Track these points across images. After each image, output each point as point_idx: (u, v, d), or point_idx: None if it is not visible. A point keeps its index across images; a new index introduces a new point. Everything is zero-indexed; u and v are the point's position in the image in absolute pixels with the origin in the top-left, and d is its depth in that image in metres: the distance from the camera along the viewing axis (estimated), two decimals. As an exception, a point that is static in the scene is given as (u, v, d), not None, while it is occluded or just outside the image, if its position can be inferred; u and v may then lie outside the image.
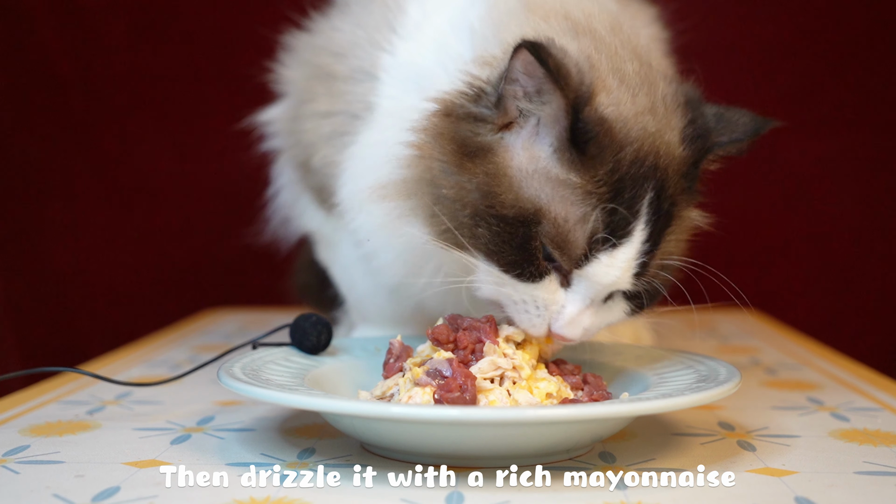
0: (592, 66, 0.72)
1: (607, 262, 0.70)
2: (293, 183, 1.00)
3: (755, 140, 0.77)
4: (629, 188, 0.70)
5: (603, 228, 0.70)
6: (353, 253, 0.95)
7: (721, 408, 0.84)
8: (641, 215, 0.71)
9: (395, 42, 0.84)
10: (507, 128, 0.72)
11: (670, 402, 0.63)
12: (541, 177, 0.70)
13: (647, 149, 0.71)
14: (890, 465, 0.67)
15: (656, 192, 0.71)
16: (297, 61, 0.95)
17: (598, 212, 0.70)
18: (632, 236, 0.71)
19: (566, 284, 0.72)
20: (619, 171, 0.70)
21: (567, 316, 0.71)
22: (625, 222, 0.70)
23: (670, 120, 0.75)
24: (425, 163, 0.73)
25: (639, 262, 0.71)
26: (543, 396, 0.68)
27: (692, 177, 0.76)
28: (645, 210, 0.71)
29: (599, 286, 0.71)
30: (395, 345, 0.75)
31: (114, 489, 0.61)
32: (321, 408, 0.63)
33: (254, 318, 1.43)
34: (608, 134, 0.70)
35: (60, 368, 0.86)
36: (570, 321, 0.71)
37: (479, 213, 0.70)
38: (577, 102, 0.69)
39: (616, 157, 0.70)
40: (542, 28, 0.75)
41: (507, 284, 0.72)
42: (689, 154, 0.75)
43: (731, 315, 1.47)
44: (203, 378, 0.92)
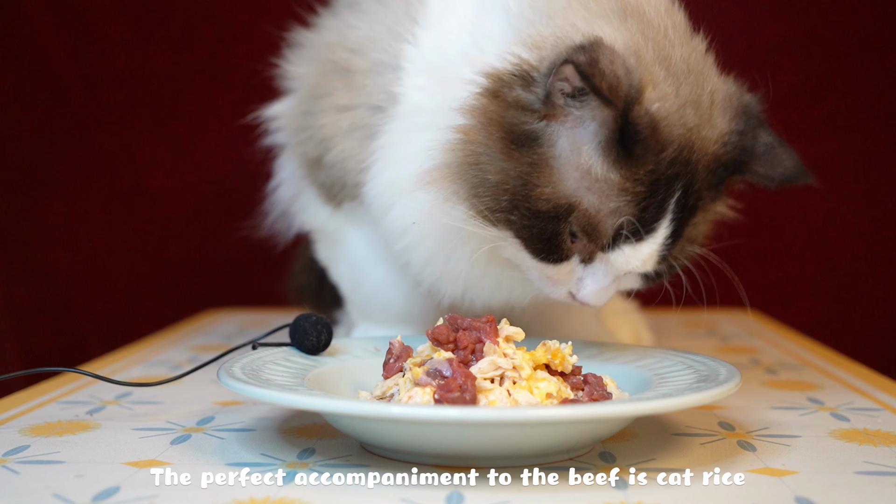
0: (639, 59, 0.73)
1: (629, 252, 0.74)
2: (296, 179, 0.99)
3: (787, 186, 0.81)
4: (663, 188, 0.73)
5: (632, 223, 0.73)
6: (363, 248, 0.95)
7: (721, 408, 0.84)
8: (668, 213, 0.74)
9: (417, 33, 0.84)
10: (553, 117, 0.72)
11: (670, 402, 0.63)
12: (581, 171, 0.73)
13: (684, 145, 0.73)
14: (890, 465, 0.67)
15: (684, 189, 0.74)
16: (306, 58, 0.95)
17: (629, 208, 0.73)
18: (656, 232, 0.74)
19: (588, 261, 0.76)
20: (657, 172, 0.72)
21: (590, 289, 0.77)
22: (652, 219, 0.74)
23: (713, 116, 0.76)
24: (471, 147, 0.74)
25: (660, 253, 0.75)
26: (543, 396, 0.68)
27: (721, 175, 0.77)
28: (672, 207, 0.74)
29: (620, 271, 0.76)
30: (395, 345, 0.75)
31: (114, 489, 0.61)
32: (321, 408, 0.63)
33: (254, 318, 1.43)
34: (654, 135, 0.72)
35: (60, 368, 0.86)
36: (593, 293, 0.77)
37: (516, 201, 0.73)
38: (625, 109, 0.70)
39: (658, 157, 0.72)
40: (591, 7, 0.76)
41: (529, 261, 0.76)
42: (723, 155, 0.76)
43: (731, 315, 1.47)
44: (203, 378, 0.92)
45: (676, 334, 1.28)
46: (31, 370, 0.83)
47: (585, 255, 0.76)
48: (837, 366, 1.04)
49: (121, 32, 1.60)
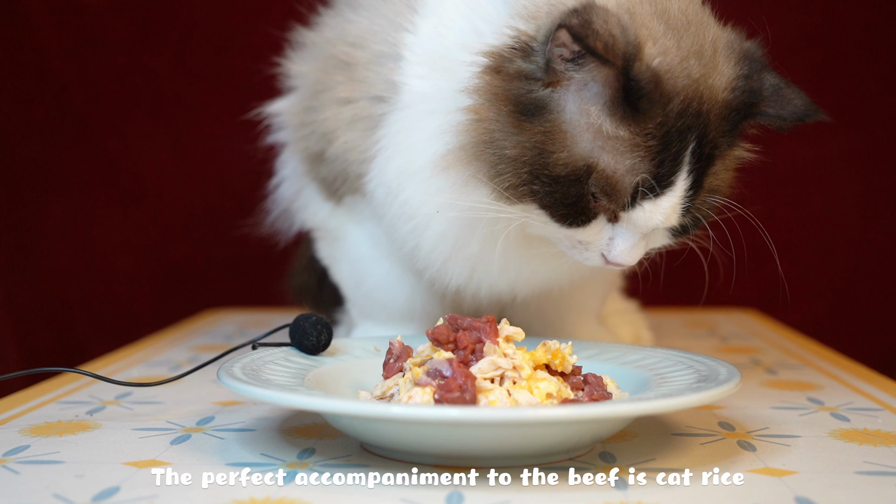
0: (634, 16, 0.74)
1: (651, 209, 0.75)
2: (298, 175, 0.99)
3: (799, 124, 0.81)
4: (675, 140, 0.73)
5: (648, 180, 0.73)
6: (364, 245, 0.95)
7: (721, 408, 0.84)
8: (684, 165, 0.75)
9: (416, 21, 0.85)
10: (557, 84, 0.73)
11: (670, 402, 0.63)
12: (593, 131, 0.73)
13: (692, 96, 0.74)
14: (890, 465, 0.67)
15: (699, 140, 0.74)
16: (307, 55, 0.95)
17: (644, 163, 0.73)
18: (675, 185, 0.75)
19: (614, 220, 0.76)
20: (666, 125, 0.73)
21: (620, 248, 0.77)
22: (669, 173, 0.74)
23: (717, 64, 0.76)
24: (484, 126, 0.75)
25: (683, 206, 0.75)
26: (543, 396, 0.68)
27: (734, 121, 0.78)
28: (688, 159, 0.74)
29: (644, 228, 0.76)
30: (395, 345, 0.75)
31: (114, 489, 0.61)
32: (321, 408, 0.63)
33: (254, 319, 1.43)
34: (658, 88, 0.72)
35: (60, 368, 0.86)
36: (622, 252, 0.77)
37: (535, 171, 0.74)
38: (625, 66, 0.71)
39: (665, 110, 0.73)
40: None
41: (559, 231, 0.77)
42: (732, 101, 0.76)
43: (731, 315, 1.47)
44: (203, 378, 0.92)
45: (676, 334, 1.28)
46: (31, 370, 0.84)
47: (610, 215, 0.76)
48: (837, 366, 1.04)
49: (121, 32, 1.60)
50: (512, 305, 0.99)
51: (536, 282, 0.88)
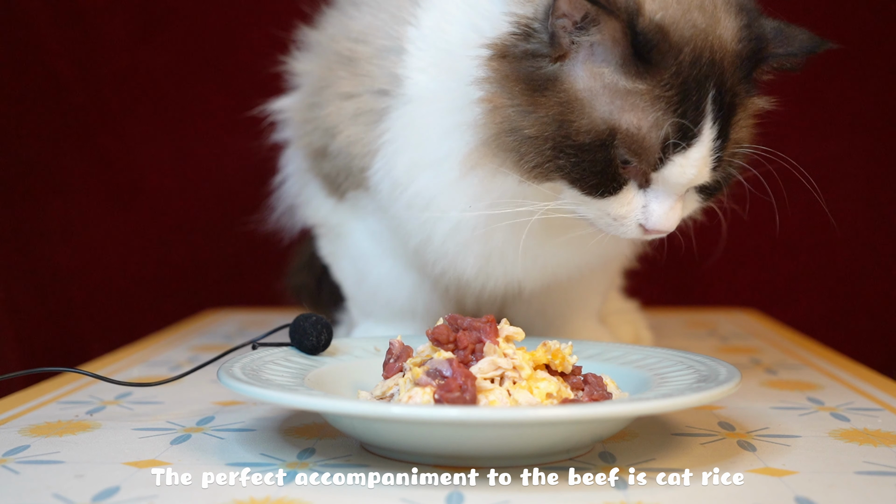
0: None
1: (681, 162, 0.75)
2: (301, 172, 1.00)
3: (809, 57, 0.82)
4: (694, 89, 0.74)
5: (674, 132, 0.73)
6: (366, 241, 0.96)
7: (721, 408, 0.84)
8: (708, 113, 0.75)
9: (419, 14, 0.85)
10: (564, 56, 0.74)
11: (670, 402, 0.63)
12: (609, 92, 0.74)
13: (702, 45, 0.75)
14: (890, 465, 0.67)
15: (717, 88, 0.75)
16: (311, 53, 0.96)
17: (668, 116, 0.73)
18: (702, 135, 0.75)
19: (646, 184, 0.76)
20: (682, 74, 0.74)
21: (657, 213, 0.76)
22: (694, 123, 0.74)
23: (720, 17, 0.77)
24: (500, 113, 0.75)
25: (713, 157, 0.76)
26: (543, 396, 0.68)
27: (747, 69, 0.78)
28: (710, 108, 0.75)
29: (678, 186, 0.76)
30: (395, 345, 0.75)
31: (114, 489, 0.61)
32: (321, 408, 0.63)
33: (254, 319, 1.43)
34: (665, 39, 0.73)
35: (60, 368, 0.86)
36: (660, 217, 0.77)
37: (558, 144, 0.74)
38: (630, 21, 0.72)
39: (677, 59, 0.74)
40: None
41: (589, 204, 0.77)
42: (742, 50, 0.77)
43: (731, 315, 1.47)
44: (203, 378, 0.92)
45: (676, 334, 1.28)
46: (31, 370, 0.84)
47: (641, 179, 0.76)
48: (837, 366, 1.04)
49: (121, 32, 1.60)
50: (514, 303, 0.99)
51: (550, 270, 0.88)
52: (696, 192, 0.80)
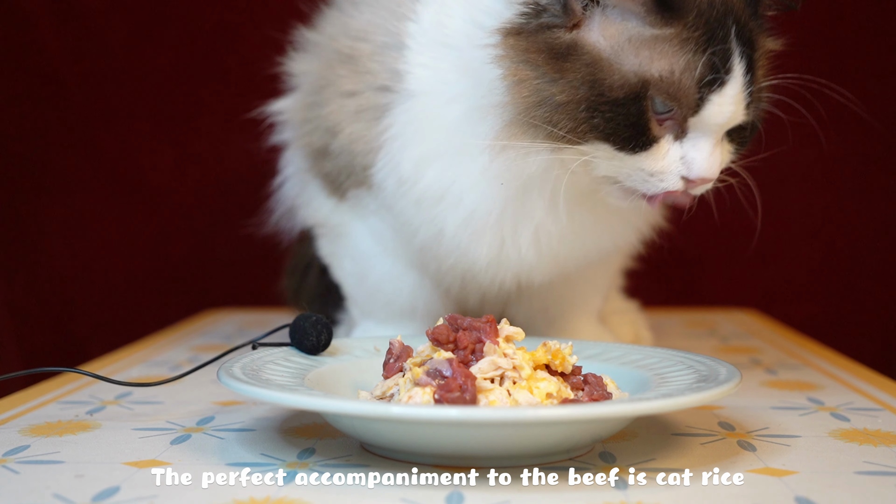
0: None
1: (719, 101, 0.76)
2: (301, 173, 1.00)
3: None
4: (718, 27, 0.75)
5: (708, 70, 0.75)
6: (367, 240, 0.96)
7: (721, 408, 0.84)
8: (735, 49, 0.76)
9: (418, 10, 0.86)
10: (580, 24, 0.75)
11: (670, 402, 0.63)
12: (635, 46, 0.75)
13: None
14: (890, 465, 0.67)
15: (737, 24, 0.76)
16: (309, 53, 0.96)
17: (699, 56, 0.75)
18: (734, 71, 0.76)
19: (682, 135, 0.77)
20: (704, 14, 0.75)
21: (699, 160, 0.77)
22: (724, 60, 0.75)
23: None
24: (527, 86, 0.76)
25: (746, 92, 0.78)
26: (543, 396, 0.68)
27: (755, 5, 0.81)
28: (735, 44, 0.76)
29: (717, 126, 0.77)
30: (395, 345, 0.75)
31: (114, 489, 0.61)
32: (321, 408, 0.63)
33: (254, 318, 1.43)
34: None
35: (60, 368, 0.86)
36: (702, 162, 0.77)
37: (591, 105, 0.74)
38: None
39: (696, 2, 0.75)
40: None
41: (625, 161, 0.77)
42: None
43: (731, 315, 1.47)
44: (203, 378, 0.92)
45: (676, 334, 1.29)
46: (31, 370, 0.83)
47: (678, 130, 0.77)
48: (837, 366, 1.04)
49: (121, 32, 1.60)
50: (515, 302, 0.99)
51: (563, 257, 0.88)
52: (729, 142, 0.81)
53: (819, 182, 1.60)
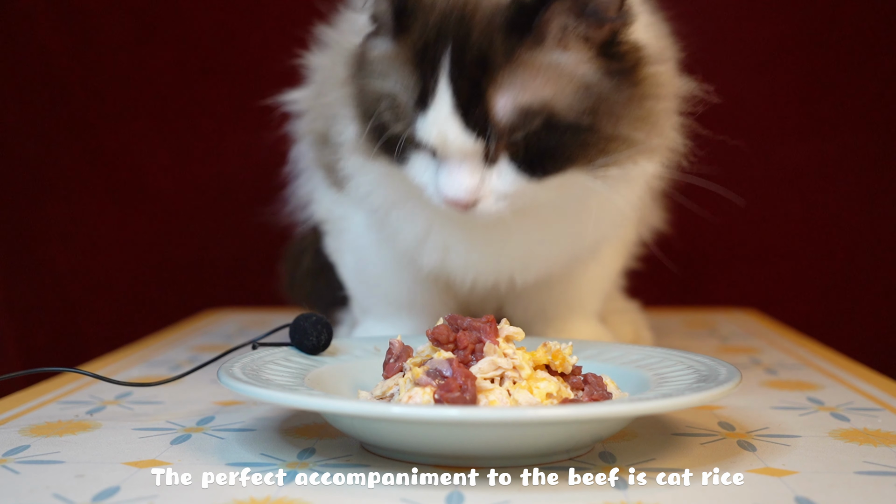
0: None
1: (422, 124, 0.74)
2: (310, 165, 1.01)
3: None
4: (432, 48, 0.74)
5: (418, 93, 0.74)
6: (365, 233, 0.96)
7: (721, 408, 0.84)
8: (443, 72, 0.73)
9: None
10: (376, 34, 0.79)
11: (670, 402, 0.63)
12: (380, 59, 0.78)
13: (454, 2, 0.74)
14: (890, 465, 0.67)
15: (459, 45, 0.73)
16: (323, 49, 0.98)
17: (413, 77, 0.74)
18: (437, 94, 0.73)
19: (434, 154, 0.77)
20: (424, 34, 0.74)
21: (441, 183, 0.76)
22: (429, 82, 0.73)
23: None
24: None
25: (460, 117, 0.73)
26: (543, 396, 0.68)
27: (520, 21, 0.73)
28: (446, 66, 0.73)
29: (441, 150, 0.75)
30: (395, 345, 0.75)
31: (114, 489, 0.61)
32: (321, 408, 0.63)
33: (254, 318, 1.43)
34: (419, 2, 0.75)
35: (60, 368, 0.86)
36: (444, 185, 0.75)
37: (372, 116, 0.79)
38: None
39: (425, 20, 0.74)
40: None
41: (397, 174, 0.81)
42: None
43: (731, 315, 1.47)
44: (203, 378, 0.92)
45: (676, 334, 1.28)
46: (31, 370, 0.83)
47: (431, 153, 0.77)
48: (837, 366, 1.04)
49: (121, 32, 1.60)
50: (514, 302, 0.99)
51: (515, 259, 0.88)
52: (511, 164, 0.75)
53: (819, 182, 1.60)
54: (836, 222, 1.61)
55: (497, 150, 0.74)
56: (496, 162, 0.75)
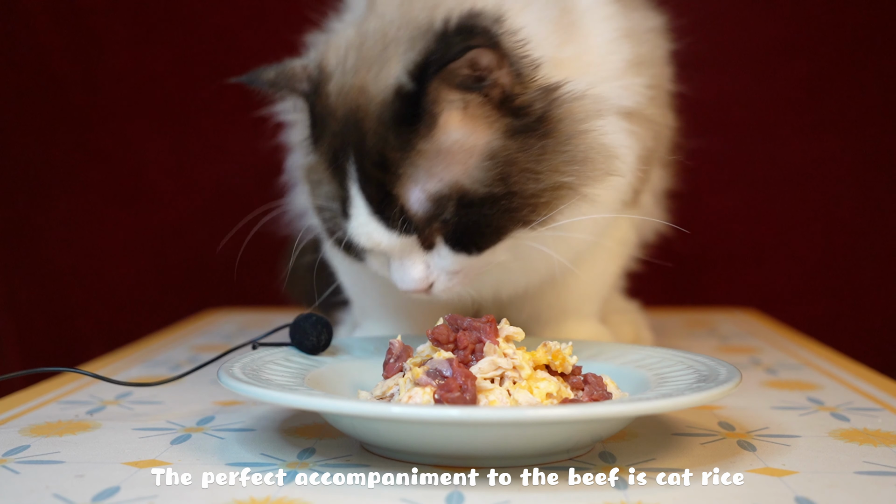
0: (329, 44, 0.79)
1: (351, 231, 0.75)
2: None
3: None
4: (340, 155, 0.75)
5: (338, 203, 0.76)
6: None
7: (721, 408, 0.84)
8: (352, 178, 0.74)
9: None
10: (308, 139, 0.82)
11: (670, 402, 0.63)
12: (310, 168, 0.81)
13: (351, 106, 0.75)
14: (890, 465, 0.67)
15: (358, 149, 0.73)
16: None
17: (332, 186, 0.76)
18: (353, 199, 0.74)
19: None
20: (333, 143, 0.76)
21: (392, 274, 0.77)
22: (347, 190, 0.74)
23: (388, 59, 0.74)
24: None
25: (380, 219, 0.73)
26: (543, 396, 0.68)
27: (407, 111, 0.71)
28: (353, 171, 0.74)
29: (371, 250, 0.77)
30: (395, 345, 0.75)
31: (114, 489, 0.61)
32: (321, 408, 0.63)
33: (254, 318, 1.43)
34: (325, 110, 0.77)
35: (60, 368, 0.86)
36: (394, 277, 0.77)
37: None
38: (309, 99, 0.77)
39: (331, 128, 0.76)
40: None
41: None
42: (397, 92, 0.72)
43: (731, 315, 1.47)
44: (203, 378, 0.92)
45: (676, 334, 1.28)
46: (31, 370, 0.83)
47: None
48: (837, 366, 1.04)
49: (121, 32, 1.60)
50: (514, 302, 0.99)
51: (480, 286, 0.86)
52: (447, 245, 0.74)
53: (819, 182, 1.60)
54: (836, 222, 1.61)
55: (430, 235, 0.75)
56: (433, 245, 0.75)
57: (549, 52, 0.76)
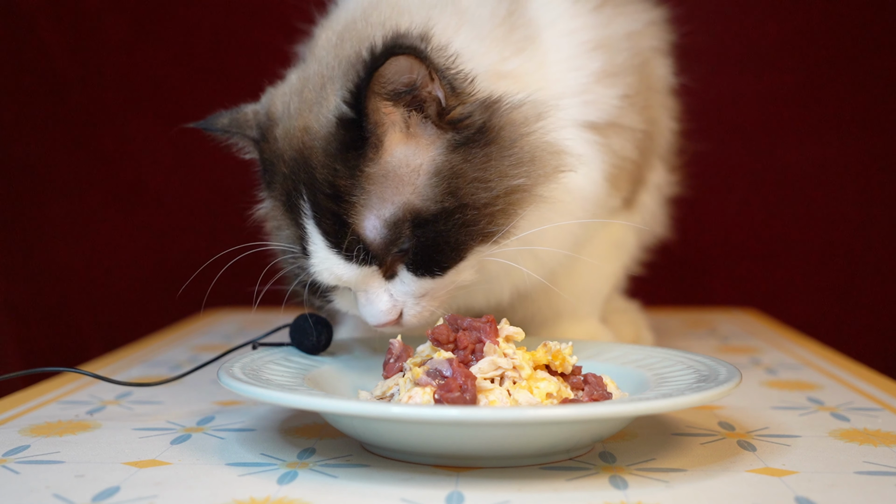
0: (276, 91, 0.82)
1: (313, 269, 0.75)
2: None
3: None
4: (293, 194, 0.75)
5: (297, 243, 0.76)
6: None
7: (721, 408, 0.84)
8: (307, 215, 0.74)
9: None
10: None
11: (670, 402, 0.63)
12: (269, 213, 0.82)
13: (296, 146, 0.76)
14: (890, 465, 0.67)
15: (308, 185, 0.74)
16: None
17: (289, 230, 0.77)
18: (311, 239, 0.74)
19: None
20: (284, 184, 0.76)
21: (360, 311, 0.76)
22: (301, 229, 0.75)
23: (325, 97, 0.76)
24: None
25: (337, 253, 0.73)
26: (543, 396, 0.68)
27: (349, 139, 0.72)
28: (307, 208, 0.74)
29: (333, 286, 0.77)
30: (395, 345, 0.75)
31: (114, 489, 0.61)
32: (321, 408, 0.63)
33: (254, 318, 1.43)
34: (273, 154, 0.78)
35: (60, 368, 0.86)
36: (362, 313, 0.76)
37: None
38: (258, 145, 0.80)
39: (280, 170, 0.76)
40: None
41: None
42: (337, 124, 0.73)
43: (731, 315, 1.47)
44: (203, 378, 0.92)
45: (676, 334, 1.28)
46: (31, 370, 0.83)
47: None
48: (837, 366, 1.04)
49: (121, 32, 1.60)
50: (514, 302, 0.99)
51: (464, 299, 0.86)
52: (408, 271, 0.74)
53: (819, 182, 1.60)
54: (837, 222, 1.61)
55: (391, 264, 0.74)
56: (396, 274, 0.75)
57: (486, 66, 0.77)
